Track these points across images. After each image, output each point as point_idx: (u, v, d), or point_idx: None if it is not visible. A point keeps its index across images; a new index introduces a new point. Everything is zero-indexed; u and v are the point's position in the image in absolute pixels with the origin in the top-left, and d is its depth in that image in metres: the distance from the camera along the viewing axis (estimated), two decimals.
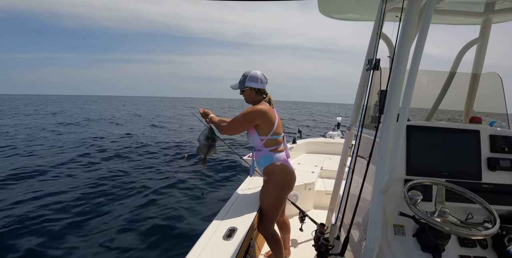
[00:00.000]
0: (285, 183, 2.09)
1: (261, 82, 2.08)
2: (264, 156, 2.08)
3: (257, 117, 1.99)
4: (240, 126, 2.03)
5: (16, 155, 8.99)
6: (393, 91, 1.34)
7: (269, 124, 2.03)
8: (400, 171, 1.44)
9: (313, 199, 3.66)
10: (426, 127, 1.52)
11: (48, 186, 6.02)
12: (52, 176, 6.77)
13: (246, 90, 2.11)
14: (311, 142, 5.79)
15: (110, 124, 19.49)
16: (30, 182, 6.29)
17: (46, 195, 5.48)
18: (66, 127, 17.11)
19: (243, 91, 2.13)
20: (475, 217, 1.39)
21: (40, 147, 10.33)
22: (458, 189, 1.29)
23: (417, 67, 1.24)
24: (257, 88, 2.09)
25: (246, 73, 2.09)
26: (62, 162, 8.08)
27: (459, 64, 2.12)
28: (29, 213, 4.64)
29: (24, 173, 6.83)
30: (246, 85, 2.08)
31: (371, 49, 1.95)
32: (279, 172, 2.06)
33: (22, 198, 5.27)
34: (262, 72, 2.10)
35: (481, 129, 1.53)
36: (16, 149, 9.96)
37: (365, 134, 1.71)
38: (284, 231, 2.52)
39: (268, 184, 2.11)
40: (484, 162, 1.49)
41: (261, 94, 2.12)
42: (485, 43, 2.07)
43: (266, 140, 2.05)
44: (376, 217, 1.29)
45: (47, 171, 7.15)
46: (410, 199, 1.16)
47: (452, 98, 2.18)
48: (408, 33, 1.35)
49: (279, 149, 2.12)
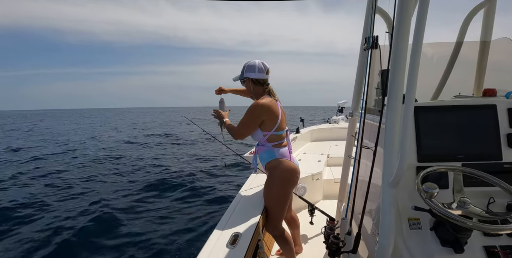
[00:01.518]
0: (289, 178, 1.99)
1: (259, 71, 1.96)
2: (267, 150, 2.01)
3: (261, 114, 1.91)
4: (248, 128, 1.96)
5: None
6: (396, 70, 1.19)
7: (273, 120, 1.94)
8: (411, 157, 1.30)
9: (322, 189, 3.54)
10: (435, 107, 1.36)
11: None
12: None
13: (245, 81, 2.03)
14: (315, 129, 5.63)
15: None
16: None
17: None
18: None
19: (244, 82, 2.07)
20: (497, 200, 1.25)
21: None
22: (477, 173, 1.15)
23: (421, 41, 1.09)
24: (255, 78, 1.97)
25: (245, 64, 2.01)
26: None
27: (466, 33, 1.94)
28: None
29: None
30: (244, 76, 1.99)
31: (367, 26, 1.78)
32: (282, 167, 1.97)
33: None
34: (262, 61, 1.99)
35: (497, 103, 1.37)
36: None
37: (369, 120, 1.56)
38: (293, 227, 2.42)
39: (271, 180, 2.01)
40: (504, 139, 1.33)
41: (261, 85, 2.00)
42: (493, 6, 1.87)
43: (269, 135, 1.96)
44: (388, 212, 1.17)
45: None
46: (425, 193, 1.02)
47: (462, 72, 2.00)
48: (408, 3, 1.18)
49: (283, 144, 2.03)
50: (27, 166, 9.25)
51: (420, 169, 1.22)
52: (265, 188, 2.04)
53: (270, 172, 2.01)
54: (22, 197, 6.00)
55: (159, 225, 4.59)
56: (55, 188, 6.65)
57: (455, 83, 1.97)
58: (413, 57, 1.10)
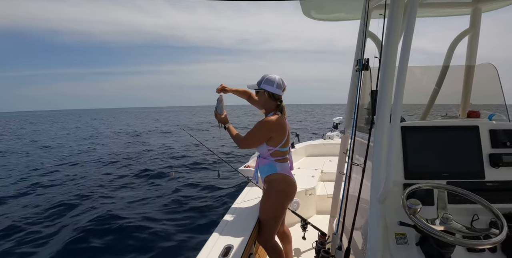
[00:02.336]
0: (287, 193, 2.04)
1: (277, 87, 2.00)
2: (269, 164, 2.04)
3: (271, 131, 1.96)
4: (255, 141, 2.00)
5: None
6: (383, 91, 1.27)
7: (280, 137, 1.99)
8: (398, 175, 1.36)
9: (315, 204, 3.56)
10: (421, 127, 1.44)
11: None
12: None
13: (260, 92, 2.04)
14: (310, 144, 5.70)
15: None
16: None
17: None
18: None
19: (258, 92, 2.08)
20: (481, 218, 1.31)
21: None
22: (460, 191, 1.21)
23: (406, 64, 1.18)
24: (271, 92, 2.01)
25: (264, 75, 2.03)
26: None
27: (452, 57, 2.05)
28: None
29: None
30: (261, 87, 2.02)
31: (359, 49, 1.89)
32: (280, 181, 2.02)
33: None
34: (281, 78, 2.05)
35: (480, 124, 1.45)
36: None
37: (360, 138, 1.63)
38: (285, 242, 2.43)
39: (268, 193, 2.05)
40: (486, 158, 1.41)
41: (275, 100, 2.04)
42: (477, 33, 2.00)
43: (274, 151, 2.01)
44: (375, 228, 1.21)
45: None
46: (409, 209, 1.08)
47: (448, 93, 2.10)
48: (394, 30, 1.28)
49: (285, 159, 2.08)
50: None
51: (406, 186, 1.28)
52: (262, 201, 2.08)
53: (268, 185, 2.05)
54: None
55: (150, 235, 4.55)
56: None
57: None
58: (399, 79, 1.18)
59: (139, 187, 7.42)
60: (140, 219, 5.13)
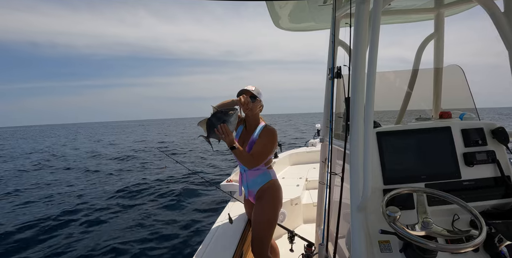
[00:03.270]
0: (280, 198, 2.09)
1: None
2: (263, 173, 2.05)
3: (277, 140, 2.02)
4: (270, 154, 2.00)
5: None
6: (355, 97, 1.28)
7: (276, 144, 2.05)
8: (377, 181, 1.36)
9: (302, 214, 3.53)
10: (395, 131, 1.45)
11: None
12: None
13: (257, 101, 2.03)
14: (293, 153, 5.70)
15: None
16: None
17: None
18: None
19: (255, 101, 2.01)
20: (462, 217, 1.31)
21: None
22: (437, 193, 1.21)
23: (374, 71, 1.19)
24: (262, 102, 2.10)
25: (257, 88, 2.06)
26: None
27: (420, 61, 2.11)
28: None
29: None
30: (260, 97, 2.05)
31: (331, 58, 1.91)
32: (275, 187, 2.06)
33: None
34: None
35: (451, 125, 1.48)
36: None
37: (337, 145, 1.63)
38: (273, 256, 2.37)
39: (266, 201, 2.03)
40: (461, 158, 1.43)
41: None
42: (441, 37, 2.07)
43: (268, 159, 2.06)
44: (358, 237, 1.19)
45: None
46: (389, 217, 1.06)
47: (421, 97, 2.15)
48: (361, 38, 1.29)
49: (272, 165, 2.14)
50: None
51: (386, 192, 1.27)
52: (259, 211, 2.03)
53: (263, 194, 2.03)
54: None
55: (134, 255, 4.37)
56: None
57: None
58: (369, 85, 1.19)
59: (112, 209, 7.10)
60: (116, 243, 4.90)
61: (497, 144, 1.45)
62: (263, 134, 1.96)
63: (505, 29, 1.31)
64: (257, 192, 2.05)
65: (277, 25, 2.17)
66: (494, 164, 1.42)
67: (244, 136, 2.09)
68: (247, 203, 2.28)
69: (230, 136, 1.77)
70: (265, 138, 1.94)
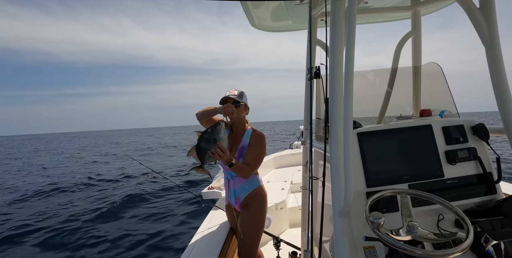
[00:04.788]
0: (266, 203, 2.08)
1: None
2: (250, 179, 2.02)
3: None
4: (262, 160, 1.97)
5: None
6: (333, 98, 1.23)
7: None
8: (359, 184, 1.31)
9: (288, 218, 3.46)
10: (377, 131, 1.41)
11: None
12: None
13: (242, 105, 1.96)
14: (278, 156, 5.65)
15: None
16: None
17: None
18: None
19: (239, 106, 1.93)
20: (446, 217, 1.28)
21: None
22: (421, 194, 1.18)
23: (351, 70, 1.14)
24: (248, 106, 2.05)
25: (242, 91, 2.00)
26: None
27: (399, 59, 2.10)
28: None
29: None
30: (244, 101, 1.99)
31: (308, 58, 1.86)
32: (262, 192, 2.05)
33: None
34: None
35: (432, 123, 1.45)
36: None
37: (318, 148, 1.57)
38: None
39: (255, 208, 1.99)
40: (443, 156, 1.40)
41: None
42: (419, 35, 2.07)
43: None
44: (342, 244, 1.13)
45: None
46: (372, 223, 1.01)
47: (402, 94, 2.13)
48: (337, 36, 1.25)
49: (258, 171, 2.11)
50: None
51: (369, 194, 1.22)
52: (246, 219, 1.97)
53: (251, 200, 2.00)
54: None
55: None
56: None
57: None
58: (347, 85, 1.14)
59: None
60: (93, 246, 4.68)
61: (477, 140, 1.43)
62: (254, 141, 1.92)
63: (481, 25, 1.29)
64: (244, 199, 2.01)
65: (254, 25, 2.12)
66: (475, 161, 1.40)
67: (232, 141, 2.01)
68: (230, 210, 2.19)
69: (227, 154, 1.66)
70: (256, 145, 1.92)
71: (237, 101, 1.90)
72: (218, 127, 1.61)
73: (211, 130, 1.61)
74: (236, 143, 1.98)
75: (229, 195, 2.08)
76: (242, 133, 1.99)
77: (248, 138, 1.95)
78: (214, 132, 1.60)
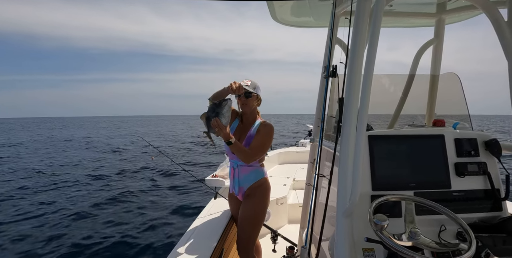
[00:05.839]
0: (269, 197, 2.08)
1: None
2: (255, 170, 2.02)
3: (273, 136, 2.00)
4: (266, 150, 1.99)
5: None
6: (349, 98, 1.22)
7: (272, 139, 2.03)
8: (365, 186, 1.31)
9: (287, 214, 3.48)
10: (388, 136, 1.40)
11: None
12: None
13: (254, 96, 1.96)
14: (283, 152, 5.65)
15: None
16: None
17: None
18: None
19: (250, 97, 1.94)
20: (448, 228, 1.28)
21: None
22: (426, 202, 1.17)
23: (371, 72, 1.13)
24: (260, 97, 2.04)
25: (255, 82, 1.99)
26: None
27: (417, 66, 2.07)
28: None
29: None
30: (257, 92, 1.98)
31: (327, 56, 1.85)
32: (267, 185, 2.05)
33: None
34: None
35: (445, 133, 1.44)
36: None
37: (327, 146, 1.57)
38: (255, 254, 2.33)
39: (257, 199, 2.01)
40: (452, 168, 1.39)
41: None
42: (441, 43, 2.04)
43: (263, 156, 2.05)
44: (342, 243, 1.14)
45: None
46: (376, 225, 1.01)
47: (415, 102, 2.12)
48: (360, 36, 1.23)
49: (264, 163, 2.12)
50: None
51: (374, 198, 1.22)
52: (248, 209, 1.99)
53: (254, 191, 2.01)
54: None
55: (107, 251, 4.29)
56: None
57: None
58: (364, 87, 1.13)
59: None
60: (94, 239, 4.77)
61: (489, 155, 1.42)
62: (261, 130, 1.94)
63: (507, 39, 1.27)
64: (248, 189, 2.02)
65: (274, 18, 2.10)
66: (484, 176, 1.39)
67: (241, 130, 2.04)
68: (232, 199, 2.22)
69: (224, 130, 1.70)
70: (263, 133, 1.93)
71: (249, 92, 1.90)
72: (224, 102, 1.70)
73: (218, 103, 1.71)
74: (245, 132, 2.00)
75: (233, 184, 2.10)
76: (251, 123, 2.01)
77: (256, 128, 1.97)
78: (219, 105, 1.70)
